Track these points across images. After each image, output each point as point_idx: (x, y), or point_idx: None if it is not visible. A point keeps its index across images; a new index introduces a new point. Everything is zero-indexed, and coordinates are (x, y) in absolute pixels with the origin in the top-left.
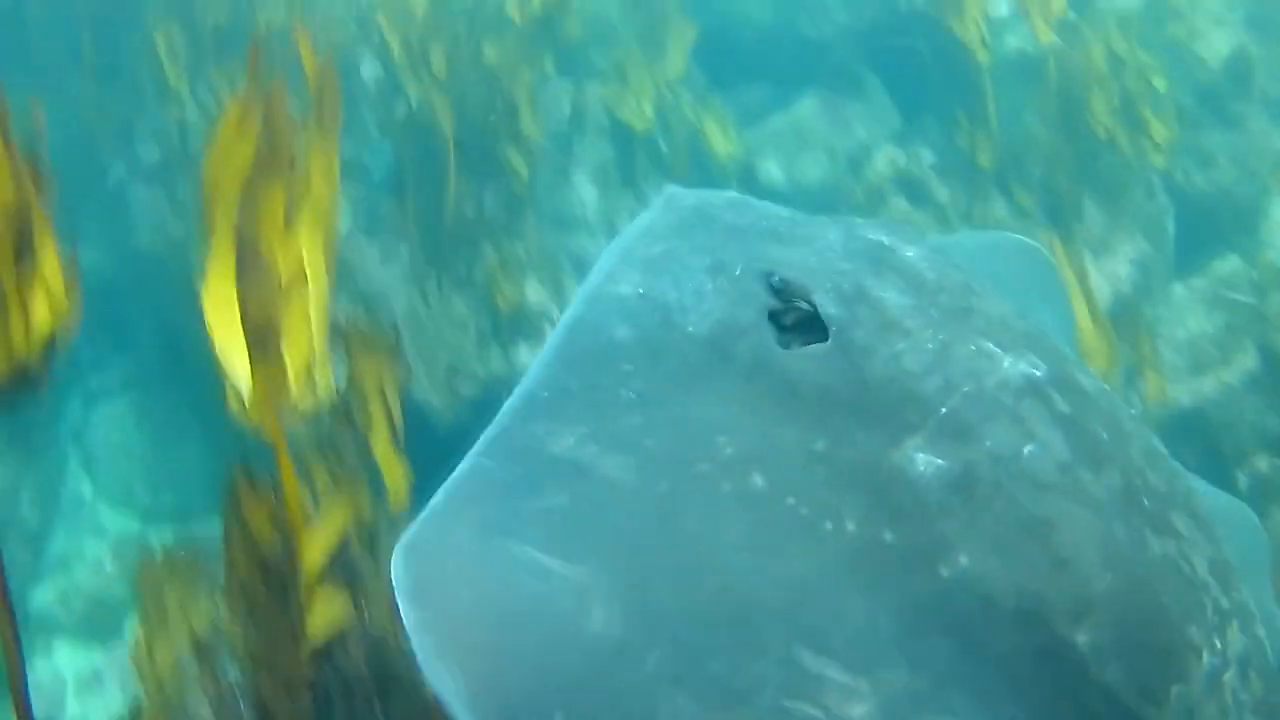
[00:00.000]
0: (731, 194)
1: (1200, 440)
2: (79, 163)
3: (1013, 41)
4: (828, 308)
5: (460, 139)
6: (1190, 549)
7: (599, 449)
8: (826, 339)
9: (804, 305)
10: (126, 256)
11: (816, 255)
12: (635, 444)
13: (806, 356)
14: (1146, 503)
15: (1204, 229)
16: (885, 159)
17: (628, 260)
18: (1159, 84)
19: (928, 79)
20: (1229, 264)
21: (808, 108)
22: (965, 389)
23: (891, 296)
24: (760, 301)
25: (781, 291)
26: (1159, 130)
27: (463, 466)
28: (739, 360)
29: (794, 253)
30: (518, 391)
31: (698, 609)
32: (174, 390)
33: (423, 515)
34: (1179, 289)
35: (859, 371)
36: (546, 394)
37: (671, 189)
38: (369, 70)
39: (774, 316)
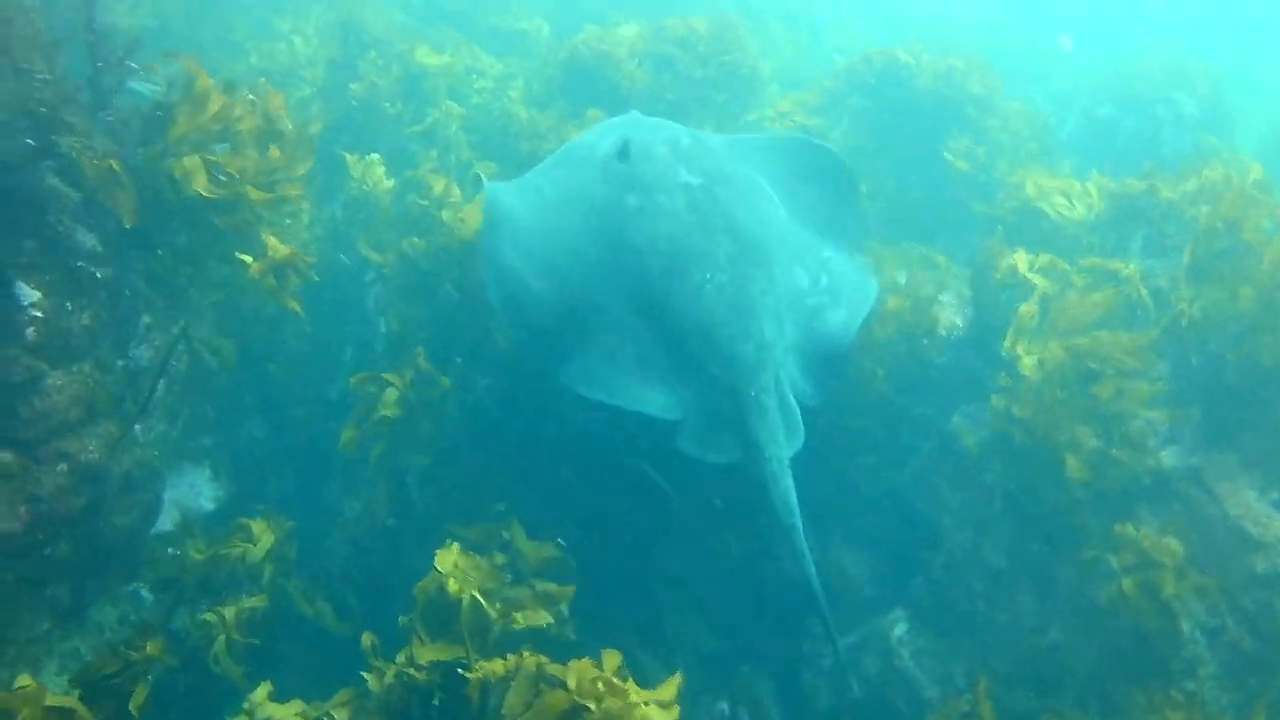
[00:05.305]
0: (656, 119)
1: None
2: None
3: None
4: (632, 150)
5: None
6: (716, 247)
7: (546, 183)
8: (629, 160)
9: (628, 149)
10: None
11: (651, 135)
12: (558, 180)
13: (620, 163)
14: (712, 223)
15: None
16: None
17: (594, 132)
18: None
19: None
20: None
21: None
22: (659, 179)
23: (658, 149)
24: (618, 146)
25: (622, 144)
26: None
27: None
28: (604, 164)
29: (646, 133)
30: (535, 168)
31: (539, 238)
32: None
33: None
34: None
35: (632, 171)
36: (541, 167)
37: (632, 111)
38: None
39: (618, 153)
